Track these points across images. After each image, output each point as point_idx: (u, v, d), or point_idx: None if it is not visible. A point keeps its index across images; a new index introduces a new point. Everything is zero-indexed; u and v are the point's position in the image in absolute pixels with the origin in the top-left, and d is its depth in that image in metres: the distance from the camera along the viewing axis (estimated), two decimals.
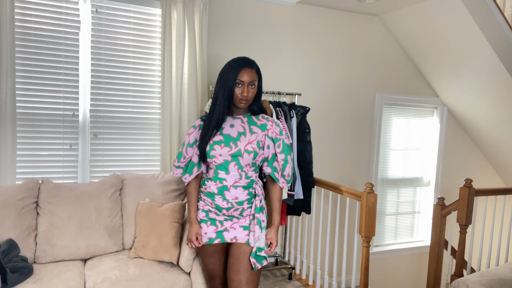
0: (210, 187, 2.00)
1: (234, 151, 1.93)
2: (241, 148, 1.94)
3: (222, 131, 1.97)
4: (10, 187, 2.55)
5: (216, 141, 1.96)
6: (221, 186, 1.96)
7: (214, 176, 1.98)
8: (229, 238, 2.01)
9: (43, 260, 2.50)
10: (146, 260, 2.54)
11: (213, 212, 2.02)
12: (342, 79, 4.09)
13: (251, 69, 1.91)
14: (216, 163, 1.97)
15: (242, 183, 1.97)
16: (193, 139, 2.04)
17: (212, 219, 2.02)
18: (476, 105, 4.21)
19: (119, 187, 2.83)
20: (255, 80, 1.92)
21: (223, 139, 1.96)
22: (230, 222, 2.01)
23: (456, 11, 3.35)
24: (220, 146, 1.94)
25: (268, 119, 2.04)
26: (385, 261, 4.56)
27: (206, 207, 2.04)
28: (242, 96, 1.90)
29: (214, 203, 1.99)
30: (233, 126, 1.99)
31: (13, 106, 2.77)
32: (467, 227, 3.32)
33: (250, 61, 1.93)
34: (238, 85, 1.90)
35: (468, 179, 3.25)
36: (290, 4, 3.72)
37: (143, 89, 3.24)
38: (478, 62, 3.67)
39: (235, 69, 1.90)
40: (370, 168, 4.34)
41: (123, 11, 3.12)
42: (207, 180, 2.03)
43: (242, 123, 2.01)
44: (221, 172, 1.96)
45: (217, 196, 1.97)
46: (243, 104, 1.93)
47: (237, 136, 1.96)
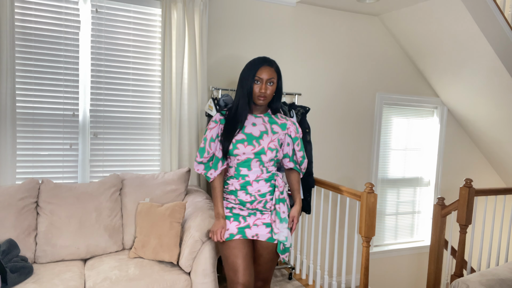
0: (232, 185, 2.07)
1: (258, 150, 2.01)
2: (265, 146, 2.02)
3: (244, 130, 2.03)
4: (10, 187, 2.55)
5: (238, 140, 2.01)
6: (243, 182, 2.03)
7: (236, 174, 2.05)
8: (250, 235, 2.06)
9: (43, 260, 2.50)
10: (146, 260, 2.54)
11: (237, 208, 2.08)
12: (342, 79, 4.09)
13: (270, 67, 1.98)
14: (238, 161, 2.03)
15: (264, 177, 2.05)
16: (215, 134, 2.07)
17: (236, 214, 2.07)
18: (476, 105, 4.21)
19: (119, 187, 2.83)
20: (273, 78, 1.98)
21: (246, 138, 2.02)
22: (254, 218, 2.06)
23: (456, 11, 3.35)
24: (243, 145, 2.01)
25: (287, 119, 2.14)
26: (385, 261, 4.56)
27: (229, 204, 2.09)
28: (260, 92, 1.97)
29: (238, 198, 2.06)
30: (255, 125, 2.06)
31: (13, 106, 2.77)
32: (467, 227, 3.32)
33: (270, 60, 2.01)
34: (256, 82, 1.97)
35: (468, 179, 3.25)
36: (290, 4, 3.72)
37: (143, 89, 3.24)
38: (478, 62, 3.67)
39: (254, 66, 1.97)
40: (370, 168, 4.34)
41: (123, 11, 3.12)
42: (229, 179, 2.09)
43: (264, 122, 2.08)
44: (243, 169, 2.03)
45: (240, 191, 2.04)
46: (261, 101, 1.99)
47: (259, 135, 2.04)
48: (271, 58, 3.67)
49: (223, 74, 3.54)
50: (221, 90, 3.37)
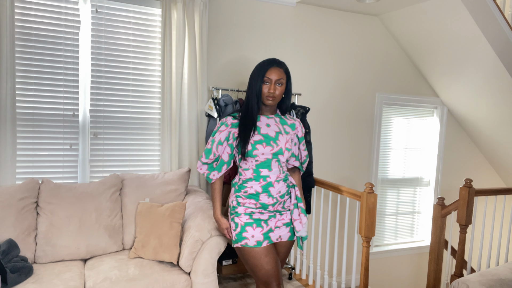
0: (252, 188, 2.05)
1: (276, 150, 2.05)
2: (282, 147, 2.06)
3: (260, 131, 2.05)
4: (10, 187, 2.55)
5: (257, 141, 2.03)
6: (265, 184, 2.04)
7: (256, 175, 2.05)
8: (275, 238, 2.09)
9: (43, 260, 2.50)
10: (146, 260, 2.54)
11: (257, 212, 2.07)
12: (342, 79, 4.09)
13: (279, 68, 2.02)
14: (257, 162, 2.04)
15: (282, 177, 2.08)
16: (224, 137, 2.08)
17: (257, 220, 2.06)
18: (476, 105, 4.21)
19: (119, 187, 2.83)
20: (282, 78, 2.01)
21: (263, 138, 2.05)
22: (274, 220, 2.09)
23: (456, 11, 3.35)
24: (262, 145, 2.03)
25: (295, 119, 2.20)
26: (385, 261, 4.56)
27: (248, 210, 2.07)
28: (269, 93, 2.00)
29: (259, 202, 2.05)
30: (269, 125, 2.09)
31: (13, 106, 2.77)
32: (467, 227, 3.32)
33: (279, 61, 2.04)
34: (265, 82, 2.00)
35: (468, 179, 3.25)
36: (290, 4, 3.72)
37: (143, 89, 3.24)
38: (478, 62, 3.67)
39: (264, 67, 2.01)
40: (370, 168, 4.34)
41: (123, 11, 3.12)
42: (246, 182, 2.07)
43: (276, 123, 2.12)
44: (263, 170, 2.04)
45: (262, 194, 2.04)
46: (270, 101, 2.02)
47: (275, 135, 2.07)
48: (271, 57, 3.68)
49: (223, 74, 3.54)
50: (221, 90, 3.36)
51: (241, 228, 2.05)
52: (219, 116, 3.22)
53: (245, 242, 2.03)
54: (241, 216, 2.07)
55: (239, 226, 2.06)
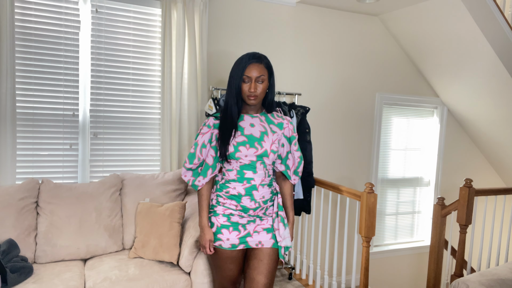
0: (235, 189, 1.93)
1: (261, 152, 1.91)
2: (267, 148, 1.92)
3: (243, 132, 1.92)
4: (10, 187, 2.55)
5: (240, 142, 1.90)
6: (249, 186, 1.92)
7: (239, 177, 1.92)
8: (254, 243, 1.96)
9: (43, 260, 2.50)
10: (146, 260, 2.54)
11: (236, 215, 1.94)
12: (342, 79, 4.09)
13: (258, 64, 1.86)
14: (241, 163, 1.91)
15: (267, 181, 1.96)
16: (207, 139, 1.95)
17: (235, 223, 1.94)
18: (476, 105, 4.21)
19: (119, 187, 2.83)
20: (263, 75, 1.86)
21: (247, 139, 1.91)
22: (253, 225, 1.96)
23: (456, 11, 3.35)
24: (245, 147, 1.90)
25: (283, 117, 2.05)
26: (385, 261, 4.56)
27: (227, 211, 1.94)
28: (249, 92, 1.85)
29: (240, 205, 1.93)
30: (254, 125, 1.94)
31: (13, 106, 2.77)
32: (467, 227, 3.32)
33: (259, 56, 1.88)
34: (245, 81, 1.86)
35: (468, 179, 3.25)
36: (290, 4, 3.72)
37: (143, 89, 3.24)
38: (478, 62, 3.67)
39: (242, 65, 1.86)
40: (370, 168, 4.34)
41: (123, 11, 3.12)
42: (229, 182, 1.94)
43: (261, 122, 1.97)
44: (247, 172, 1.92)
45: (245, 197, 1.92)
46: (252, 101, 1.88)
47: (260, 136, 1.93)
48: (271, 58, 3.69)
49: (223, 74, 3.53)
50: (221, 90, 3.36)
51: (216, 228, 1.94)
52: None
53: (219, 243, 1.94)
54: (218, 217, 1.95)
55: (215, 226, 1.95)
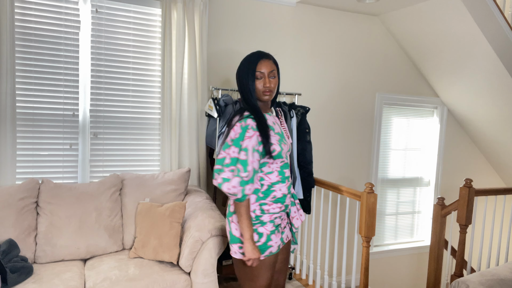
0: (280, 190, 1.90)
1: (289, 147, 1.97)
2: (290, 145, 2.00)
3: (275, 130, 1.92)
4: (10, 187, 2.55)
5: (279, 140, 1.90)
6: (289, 185, 1.96)
7: (282, 177, 1.91)
8: (285, 238, 2.01)
9: (43, 260, 2.50)
10: (146, 260, 2.54)
11: (278, 217, 1.92)
12: (342, 79, 4.09)
13: (268, 60, 1.88)
14: (282, 162, 1.92)
15: None
16: (256, 143, 1.81)
17: (278, 226, 1.93)
18: (476, 105, 4.21)
19: (119, 187, 2.83)
20: (274, 70, 1.88)
21: (280, 137, 1.92)
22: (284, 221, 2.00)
23: (456, 11, 3.35)
24: (283, 144, 1.92)
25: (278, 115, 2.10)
26: (385, 261, 4.56)
27: (273, 216, 1.89)
28: (265, 87, 1.85)
29: (285, 204, 1.92)
30: (275, 123, 1.97)
31: (13, 106, 2.77)
32: (467, 227, 3.32)
33: (266, 53, 1.90)
34: (258, 78, 1.85)
35: (468, 179, 3.25)
36: (290, 4, 3.72)
37: (143, 89, 3.24)
38: (478, 62, 3.67)
39: (252, 63, 1.86)
40: (370, 168, 4.34)
41: (123, 11, 3.12)
42: (273, 185, 1.89)
43: (276, 120, 2.01)
44: (286, 170, 1.94)
45: (287, 195, 1.94)
46: (267, 97, 1.87)
47: (281, 132, 1.98)
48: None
49: (223, 74, 3.54)
50: (221, 90, 3.36)
51: (266, 237, 1.86)
52: (219, 116, 3.22)
53: (270, 250, 1.87)
54: (266, 225, 1.87)
55: (264, 235, 1.86)
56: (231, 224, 1.92)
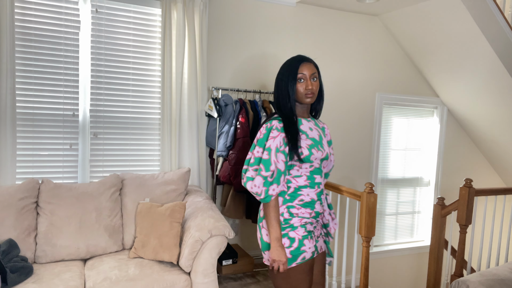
0: (308, 195, 1.87)
1: (324, 155, 1.91)
2: (328, 152, 1.95)
3: (308, 135, 1.88)
4: (10, 187, 2.55)
5: (310, 145, 1.86)
6: (319, 191, 1.91)
7: (311, 182, 1.88)
8: (319, 249, 1.96)
9: (43, 260, 2.50)
10: (146, 260, 2.54)
11: (309, 223, 1.87)
12: (342, 79, 4.09)
13: (309, 63, 1.86)
14: (312, 168, 1.88)
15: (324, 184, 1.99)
16: (281, 143, 1.80)
17: (310, 232, 1.87)
18: (476, 105, 4.21)
19: (119, 187, 2.83)
20: (315, 72, 1.86)
21: (313, 142, 1.88)
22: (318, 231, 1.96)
23: (456, 11, 3.35)
24: (315, 149, 1.86)
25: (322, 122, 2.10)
26: (385, 261, 4.56)
27: (303, 220, 1.85)
28: (307, 90, 1.83)
29: (315, 211, 1.89)
30: (312, 129, 1.92)
31: (13, 106, 2.77)
32: (467, 227, 3.32)
33: (307, 57, 1.90)
34: (300, 80, 1.83)
35: (468, 179, 3.25)
36: (290, 4, 3.72)
37: (143, 89, 3.24)
38: (478, 62, 3.67)
39: (294, 65, 1.84)
40: (370, 168, 4.34)
41: (123, 11, 3.12)
42: (300, 189, 1.86)
43: (316, 126, 1.97)
44: (317, 176, 1.90)
45: (317, 202, 1.90)
46: (309, 99, 1.85)
47: (319, 139, 1.92)
48: (271, 58, 3.69)
49: (223, 74, 3.54)
50: (221, 90, 3.37)
51: (298, 242, 1.81)
52: (219, 116, 3.22)
53: (303, 256, 1.81)
54: (297, 230, 1.82)
55: (296, 241, 1.81)
56: (262, 230, 1.89)
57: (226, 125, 3.21)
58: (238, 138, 3.13)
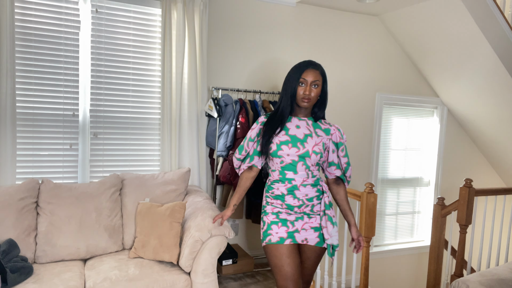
0: (278, 189, 2.03)
1: (302, 152, 1.99)
2: (309, 149, 1.99)
3: (288, 132, 2.01)
4: (10, 187, 2.55)
5: (283, 141, 1.99)
6: (290, 186, 2.00)
7: (281, 177, 2.02)
8: (300, 239, 2.03)
9: (43, 260, 2.50)
10: (146, 260, 2.54)
11: (284, 213, 2.03)
12: (342, 79, 4.09)
13: (315, 70, 1.98)
14: (283, 163, 2.00)
15: (310, 181, 2.02)
16: (254, 134, 2.09)
17: (283, 220, 2.02)
18: (476, 105, 4.21)
19: (119, 187, 2.83)
20: (318, 80, 1.98)
21: (290, 139, 2.00)
22: (301, 222, 2.03)
23: (456, 11, 3.35)
24: (287, 146, 1.99)
25: (331, 124, 2.13)
26: (385, 261, 4.56)
27: (275, 209, 2.04)
28: (304, 94, 1.96)
29: (285, 203, 2.02)
30: (299, 127, 2.04)
31: (13, 106, 2.77)
32: (467, 227, 3.32)
33: (315, 63, 2.01)
34: (301, 84, 1.97)
35: (468, 179, 3.25)
36: (290, 4, 3.72)
37: (143, 89, 3.24)
38: (478, 62, 3.67)
39: (299, 69, 1.98)
40: (370, 168, 4.34)
41: (123, 11, 3.12)
42: (273, 183, 2.05)
43: (307, 125, 2.06)
44: (288, 172, 2.00)
45: (287, 196, 2.01)
46: (305, 103, 1.98)
47: (303, 137, 2.01)
48: (271, 58, 3.69)
49: (223, 74, 3.53)
50: (221, 90, 3.37)
51: (267, 226, 2.04)
52: (219, 116, 3.22)
53: (269, 238, 2.00)
54: (268, 215, 2.05)
55: (265, 224, 2.05)
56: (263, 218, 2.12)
57: (226, 125, 3.21)
58: (238, 138, 3.13)
